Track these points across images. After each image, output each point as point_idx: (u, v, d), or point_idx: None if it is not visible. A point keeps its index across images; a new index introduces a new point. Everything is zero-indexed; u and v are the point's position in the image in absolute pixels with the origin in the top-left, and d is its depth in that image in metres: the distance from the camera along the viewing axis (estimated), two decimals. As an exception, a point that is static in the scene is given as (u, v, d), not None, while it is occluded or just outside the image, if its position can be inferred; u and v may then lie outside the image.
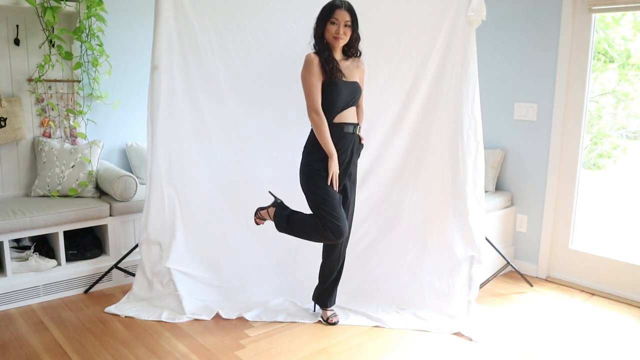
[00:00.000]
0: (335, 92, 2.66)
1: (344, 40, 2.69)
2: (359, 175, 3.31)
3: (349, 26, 2.67)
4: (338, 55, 2.75)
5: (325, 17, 2.67)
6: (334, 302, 3.01)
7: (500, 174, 3.88)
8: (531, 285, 3.55)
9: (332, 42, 2.69)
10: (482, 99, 3.18)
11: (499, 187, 3.90)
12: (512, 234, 3.87)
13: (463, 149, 3.04)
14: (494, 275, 3.56)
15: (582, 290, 3.50)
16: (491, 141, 3.85)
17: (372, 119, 3.26)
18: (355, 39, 2.75)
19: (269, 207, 2.90)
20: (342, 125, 2.72)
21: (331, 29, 2.66)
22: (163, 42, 2.99)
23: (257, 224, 2.98)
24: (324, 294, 2.96)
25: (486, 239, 3.21)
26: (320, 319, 2.97)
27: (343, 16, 2.65)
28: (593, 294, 3.45)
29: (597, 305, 3.28)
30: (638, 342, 2.84)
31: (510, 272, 3.75)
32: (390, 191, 3.29)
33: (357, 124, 2.79)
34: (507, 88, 3.77)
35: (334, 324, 2.93)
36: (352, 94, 2.73)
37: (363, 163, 3.30)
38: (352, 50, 2.79)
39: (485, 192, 3.65)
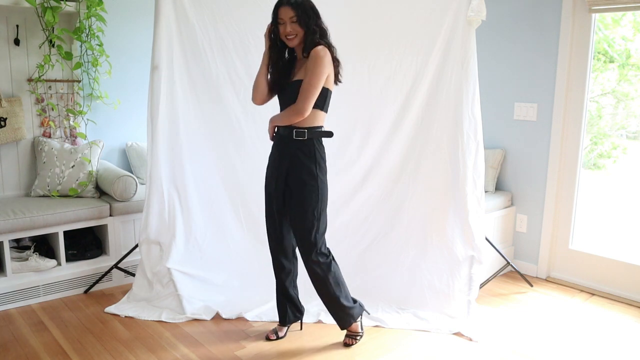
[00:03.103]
0: (280, 97, 2.62)
1: (296, 39, 2.45)
2: (359, 175, 3.32)
3: (295, 22, 2.42)
4: (299, 56, 2.56)
5: (273, 20, 2.49)
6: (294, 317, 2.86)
7: (500, 174, 3.87)
8: (531, 285, 3.55)
9: (287, 44, 2.50)
10: (482, 99, 3.18)
11: (499, 187, 3.90)
12: (512, 234, 3.87)
13: (463, 149, 3.03)
14: (494, 275, 3.56)
15: (582, 290, 3.50)
16: (491, 141, 3.85)
17: (372, 118, 3.26)
18: (309, 34, 2.44)
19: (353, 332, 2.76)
20: (278, 128, 2.61)
21: (280, 30, 2.47)
22: (163, 42, 2.99)
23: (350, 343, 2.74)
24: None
25: (486, 239, 3.21)
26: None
27: (286, 13, 2.42)
28: (593, 294, 3.45)
29: (597, 305, 3.28)
30: (638, 342, 2.84)
31: (510, 272, 3.75)
32: (390, 191, 3.29)
33: (293, 127, 2.52)
34: (507, 88, 3.77)
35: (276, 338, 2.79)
36: (291, 97, 2.51)
37: (363, 163, 3.31)
38: (307, 49, 2.46)
39: (485, 192, 3.65)
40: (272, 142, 2.84)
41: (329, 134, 2.58)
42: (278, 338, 2.78)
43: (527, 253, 3.81)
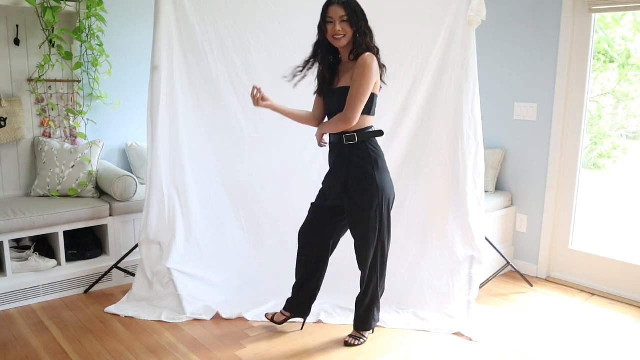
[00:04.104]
0: (325, 102, 2.63)
1: (344, 39, 2.45)
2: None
3: (345, 21, 2.42)
4: (345, 58, 2.55)
5: (322, 18, 2.48)
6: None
7: (500, 174, 3.88)
8: (531, 285, 3.55)
9: (334, 44, 2.49)
10: (482, 99, 3.18)
11: (499, 187, 3.90)
12: (512, 234, 3.87)
13: (463, 149, 3.04)
14: (494, 275, 3.56)
15: (582, 290, 3.50)
16: (491, 141, 3.85)
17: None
18: (359, 35, 2.44)
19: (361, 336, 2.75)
20: (330, 135, 2.64)
21: (329, 29, 2.45)
22: (163, 42, 2.99)
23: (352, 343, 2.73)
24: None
25: (486, 239, 3.21)
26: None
27: (337, 12, 2.41)
28: (593, 294, 3.45)
29: (597, 305, 3.28)
30: (638, 342, 2.84)
31: (510, 272, 3.75)
32: (390, 191, 3.28)
33: (342, 133, 2.53)
34: (507, 88, 3.77)
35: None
36: (338, 103, 2.50)
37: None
38: (355, 51, 2.46)
39: (485, 192, 3.65)
40: (272, 143, 2.85)
41: (380, 133, 2.58)
42: (272, 321, 2.80)
43: (527, 253, 3.81)
